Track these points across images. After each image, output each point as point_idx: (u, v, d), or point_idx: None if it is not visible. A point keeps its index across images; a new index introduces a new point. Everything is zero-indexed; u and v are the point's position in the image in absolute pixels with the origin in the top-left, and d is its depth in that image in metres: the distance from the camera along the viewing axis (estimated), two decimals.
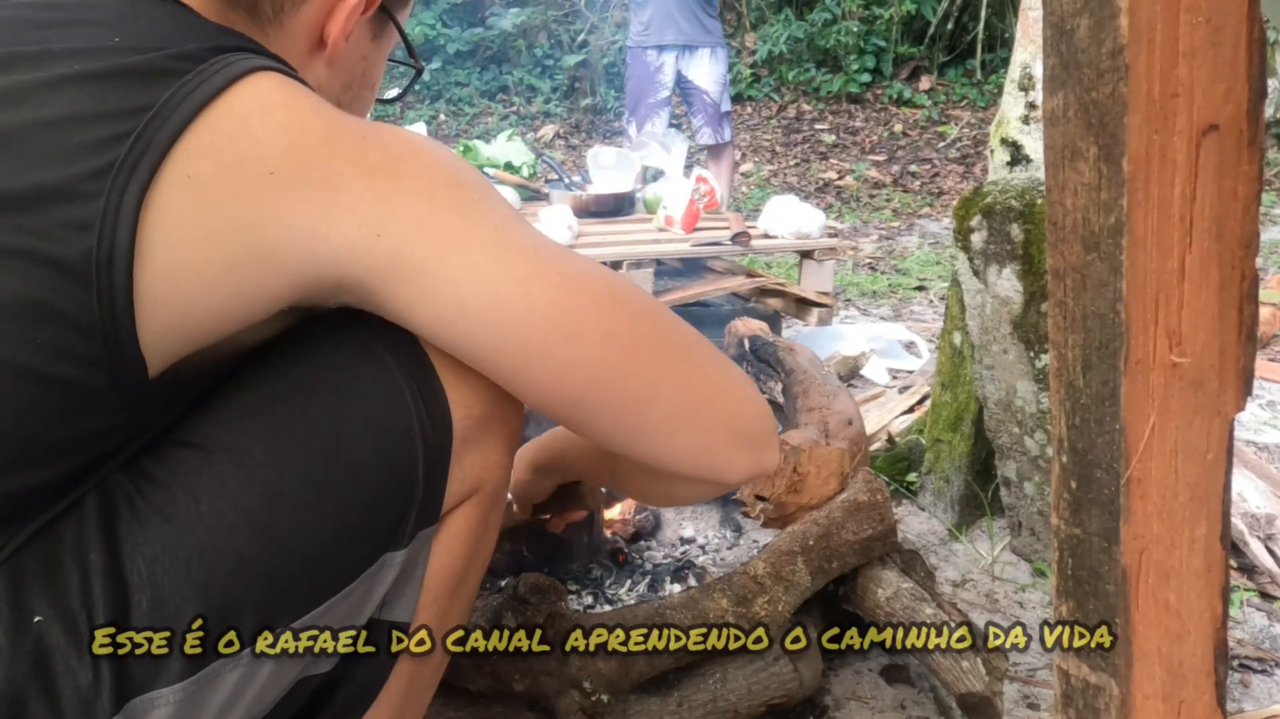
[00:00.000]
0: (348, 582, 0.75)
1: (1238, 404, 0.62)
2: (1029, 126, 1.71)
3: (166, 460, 0.71)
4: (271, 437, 0.73)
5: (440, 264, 0.70)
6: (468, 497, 0.83)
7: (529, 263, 0.72)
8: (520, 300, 0.72)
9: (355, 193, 0.69)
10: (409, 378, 0.76)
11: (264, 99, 0.69)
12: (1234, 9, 0.55)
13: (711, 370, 0.80)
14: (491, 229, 0.72)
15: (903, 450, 2.02)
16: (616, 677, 1.15)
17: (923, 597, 1.25)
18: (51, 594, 0.65)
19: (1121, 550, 0.63)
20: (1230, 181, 0.58)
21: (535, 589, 1.11)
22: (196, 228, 0.66)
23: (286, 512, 0.71)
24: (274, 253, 0.68)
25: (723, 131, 4.78)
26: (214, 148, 0.66)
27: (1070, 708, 0.69)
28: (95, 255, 0.63)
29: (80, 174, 0.64)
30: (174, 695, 0.68)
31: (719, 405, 0.79)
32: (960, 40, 8.32)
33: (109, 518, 0.68)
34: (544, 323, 0.72)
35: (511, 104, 8.19)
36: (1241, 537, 1.65)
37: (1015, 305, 1.52)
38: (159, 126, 0.65)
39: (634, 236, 3.11)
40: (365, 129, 0.72)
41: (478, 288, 0.71)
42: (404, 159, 0.71)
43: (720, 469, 0.81)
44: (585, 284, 0.74)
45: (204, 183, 0.66)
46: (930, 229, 5.70)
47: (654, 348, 0.77)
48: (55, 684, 0.64)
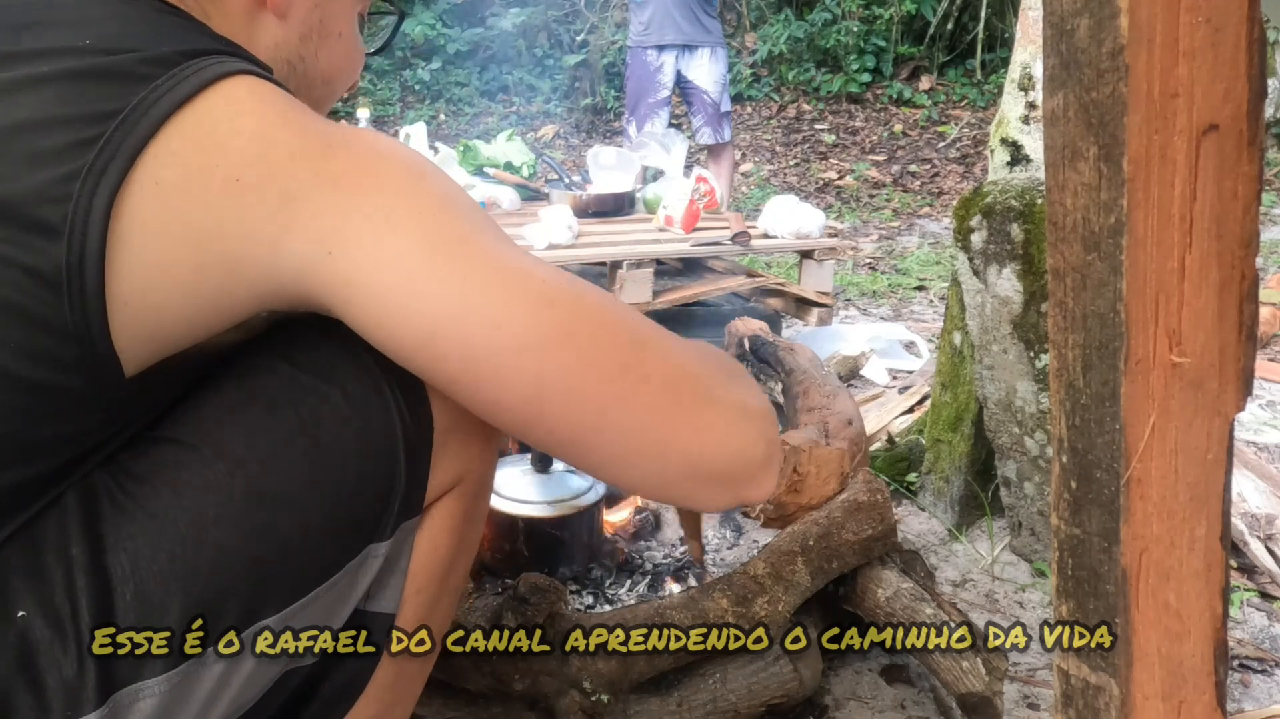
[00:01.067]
0: (331, 573, 0.76)
1: (1238, 404, 0.62)
2: (1029, 126, 1.71)
3: (148, 456, 0.71)
4: (252, 431, 0.73)
5: (386, 287, 0.68)
6: (451, 488, 0.83)
7: (486, 279, 0.69)
8: (472, 321, 0.68)
9: (314, 206, 0.67)
10: (388, 372, 0.75)
11: (234, 105, 0.68)
12: (1234, 9, 0.55)
13: (687, 403, 0.74)
14: (451, 244, 0.69)
15: (903, 450, 2.02)
16: (616, 677, 1.15)
17: (923, 597, 1.25)
18: (35, 589, 0.66)
19: (1121, 550, 0.63)
20: (1230, 181, 0.58)
21: (535, 589, 1.11)
22: (165, 234, 0.66)
23: (268, 504, 0.72)
24: (238, 263, 0.67)
25: (722, 131, 4.78)
26: (182, 154, 0.66)
27: (1070, 708, 0.69)
28: (66, 260, 0.63)
29: (49, 179, 0.64)
30: (160, 686, 0.68)
31: (680, 443, 0.74)
32: (960, 40, 8.32)
33: (91, 514, 0.68)
34: (493, 337, 0.69)
35: (511, 104, 8.19)
36: (1241, 537, 1.65)
37: (1015, 305, 1.52)
38: (128, 132, 0.64)
39: (634, 236, 3.11)
40: (335, 136, 0.70)
41: (424, 311, 0.68)
42: (369, 171, 0.69)
43: (688, 502, 0.79)
44: (548, 301, 0.70)
45: (172, 189, 0.65)
46: (930, 229, 5.70)
47: (609, 374, 0.72)
48: (41, 677, 0.65)
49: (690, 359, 0.77)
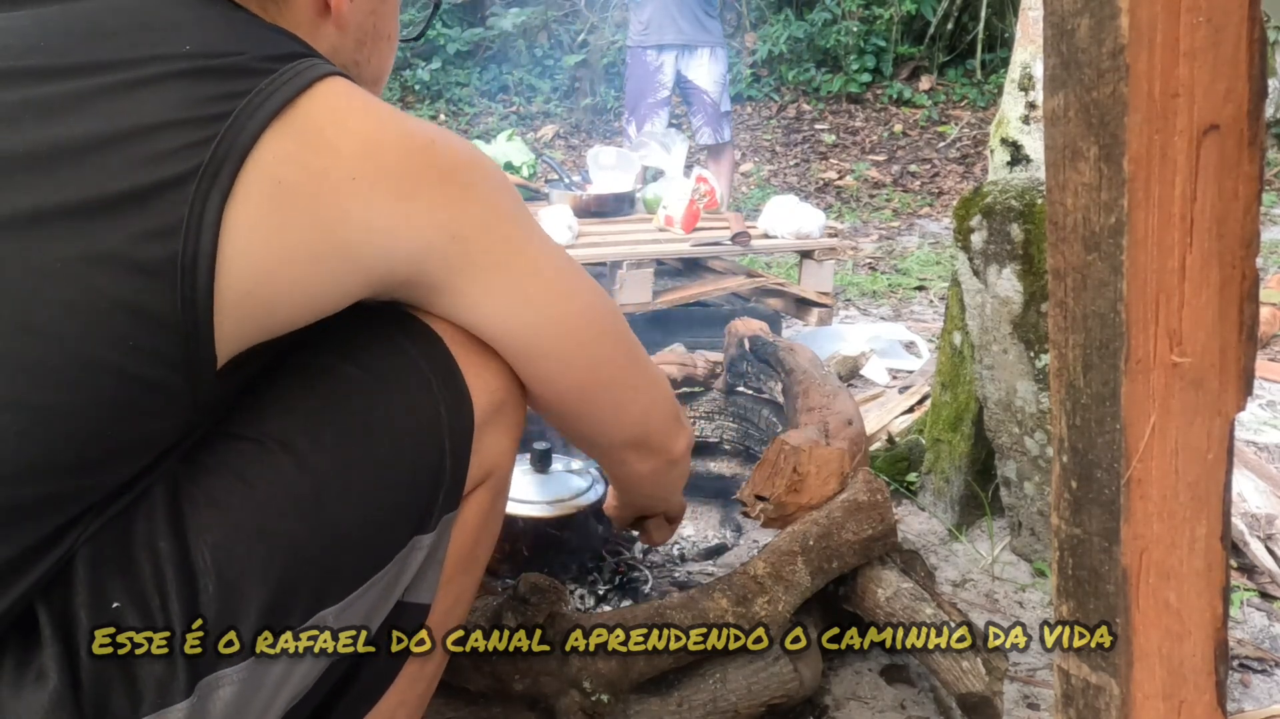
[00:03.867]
0: (384, 564, 0.80)
1: (1238, 404, 0.62)
2: (1029, 126, 1.71)
3: (220, 452, 0.75)
4: (314, 426, 0.77)
5: (509, 263, 0.80)
6: (481, 482, 0.88)
7: (567, 267, 0.85)
8: (564, 301, 0.85)
9: (431, 198, 0.75)
10: (432, 367, 0.81)
11: (337, 107, 0.73)
12: (1235, 9, 0.55)
13: (653, 367, 0.99)
14: (539, 236, 0.84)
15: (903, 450, 2.02)
16: (616, 677, 1.15)
17: (923, 597, 1.24)
18: (127, 581, 0.69)
19: (1122, 550, 0.63)
20: (1231, 181, 0.58)
21: (535, 589, 1.11)
22: (279, 231, 0.70)
23: (332, 497, 0.76)
24: (354, 251, 0.73)
25: (722, 131, 4.78)
26: (295, 154, 0.70)
27: (1070, 708, 0.69)
28: (180, 260, 0.66)
29: (164, 180, 0.66)
30: (237, 674, 0.72)
31: (662, 391, 1.00)
32: (960, 40, 8.32)
33: (175, 508, 0.72)
34: (574, 322, 0.86)
35: (511, 104, 8.18)
36: (1241, 537, 1.65)
37: (1015, 305, 1.52)
38: (238, 133, 0.68)
39: (634, 236, 3.11)
40: (432, 135, 0.77)
41: (536, 286, 0.82)
42: (470, 167, 0.79)
43: (661, 434, 1.00)
44: (595, 293, 0.89)
45: (287, 188, 0.69)
46: (930, 229, 5.70)
47: (628, 358, 0.94)
48: (133, 668, 0.68)
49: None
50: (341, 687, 0.84)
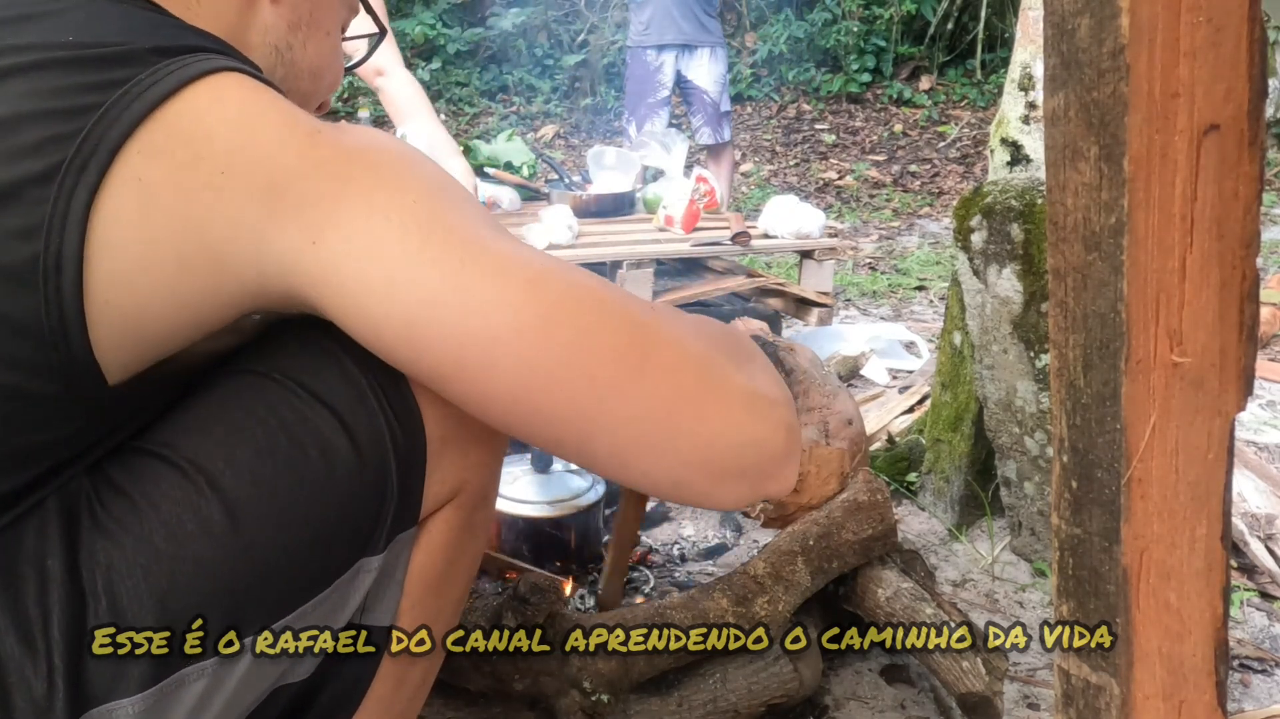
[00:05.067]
0: (320, 588, 0.74)
1: (1238, 404, 0.62)
2: (1029, 126, 1.71)
3: (129, 467, 0.69)
4: (233, 445, 0.70)
5: (369, 275, 0.65)
6: (449, 499, 0.81)
7: (472, 264, 0.66)
8: (456, 307, 0.66)
9: (300, 194, 0.65)
10: (374, 381, 0.73)
11: (219, 99, 0.66)
12: (1235, 8, 0.55)
13: (691, 389, 0.70)
14: (438, 231, 0.67)
15: (903, 450, 2.02)
16: (616, 677, 1.15)
17: (923, 597, 1.24)
18: (8, 600, 0.63)
19: (1122, 550, 0.63)
20: (1231, 181, 0.58)
21: (535, 589, 1.11)
22: (147, 230, 0.64)
23: (249, 519, 0.69)
24: (223, 254, 0.65)
25: (722, 131, 4.78)
26: (166, 148, 0.64)
27: (1070, 708, 0.69)
28: (42, 261, 0.61)
29: (26, 177, 0.62)
30: (135, 706, 0.66)
31: (689, 434, 0.69)
32: (960, 40, 8.32)
33: (69, 524, 0.66)
34: (479, 323, 0.66)
35: (511, 104, 8.18)
36: (1241, 537, 1.65)
37: (1015, 305, 1.52)
38: (108, 126, 0.63)
39: (634, 236, 3.11)
40: (322, 125, 0.68)
41: (407, 298, 0.65)
42: (355, 160, 0.67)
43: (703, 499, 0.74)
44: (537, 283, 0.67)
45: (155, 184, 0.63)
46: (930, 229, 5.70)
47: (604, 359, 0.68)
48: (8, 694, 0.62)
49: (698, 342, 0.73)
50: (297, 712, 0.79)
